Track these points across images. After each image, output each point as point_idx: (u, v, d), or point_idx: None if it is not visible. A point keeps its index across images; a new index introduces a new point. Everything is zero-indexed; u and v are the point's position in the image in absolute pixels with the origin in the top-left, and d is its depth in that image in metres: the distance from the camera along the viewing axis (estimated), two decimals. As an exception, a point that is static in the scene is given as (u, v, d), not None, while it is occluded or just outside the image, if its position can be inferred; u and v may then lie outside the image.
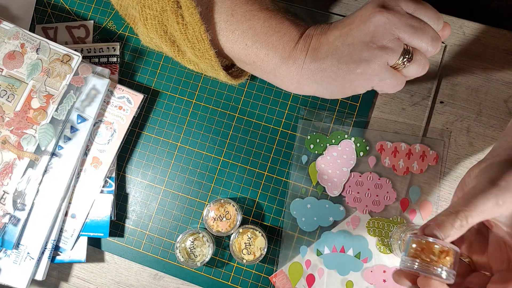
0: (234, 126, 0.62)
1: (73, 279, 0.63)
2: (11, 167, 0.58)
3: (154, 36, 0.54)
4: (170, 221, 0.62)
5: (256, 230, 0.58)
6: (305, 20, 0.54)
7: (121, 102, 0.62)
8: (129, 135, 0.63)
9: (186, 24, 0.50)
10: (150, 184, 0.63)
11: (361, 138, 0.60)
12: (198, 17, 0.49)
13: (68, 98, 0.60)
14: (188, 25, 0.50)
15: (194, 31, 0.50)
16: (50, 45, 0.60)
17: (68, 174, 0.60)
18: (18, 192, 0.58)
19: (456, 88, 0.60)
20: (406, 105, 0.61)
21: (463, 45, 0.61)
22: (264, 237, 0.58)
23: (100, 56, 0.65)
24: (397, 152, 0.59)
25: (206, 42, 0.50)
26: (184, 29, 0.50)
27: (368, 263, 0.58)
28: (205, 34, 0.50)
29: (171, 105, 0.64)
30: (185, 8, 0.49)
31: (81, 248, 0.61)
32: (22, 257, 0.59)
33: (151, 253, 0.61)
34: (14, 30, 0.60)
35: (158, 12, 0.51)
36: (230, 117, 0.63)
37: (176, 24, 0.50)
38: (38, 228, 0.59)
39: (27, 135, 0.59)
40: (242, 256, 0.58)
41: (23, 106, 0.59)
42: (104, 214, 0.61)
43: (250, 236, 0.58)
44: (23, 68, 0.60)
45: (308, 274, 0.58)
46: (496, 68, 0.60)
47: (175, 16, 0.50)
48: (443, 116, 0.60)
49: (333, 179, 0.59)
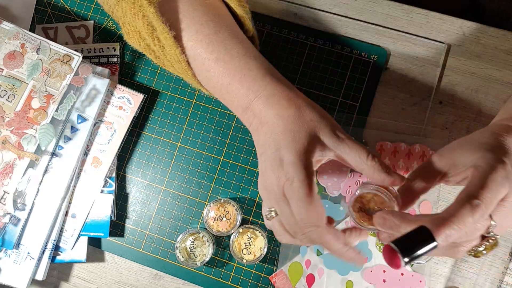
0: (234, 126, 0.62)
1: (73, 279, 0.63)
2: (12, 167, 0.58)
3: (138, 49, 0.55)
4: (170, 221, 0.62)
5: (256, 230, 0.58)
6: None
7: (121, 102, 0.62)
8: (129, 135, 0.63)
9: (163, 46, 0.50)
10: (150, 184, 0.63)
11: (361, 138, 0.60)
12: (173, 41, 0.49)
13: (68, 98, 0.60)
14: (165, 47, 0.50)
15: (170, 53, 0.50)
16: (50, 45, 0.60)
17: (68, 174, 0.60)
18: (18, 192, 0.58)
19: (456, 88, 0.60)
20: (406, 105, 0.61)
21: (463, 45, 0.61)
22: (264, 237, 0.58)
23: (100, 56, 0.65)
24: (397, 152, 0.59)
25: (183, 63, 0.50)
26: (162, 50, 0.51)
27: (368, 263, 0.58)
28: (182, 56, 0.50)
29: (171, 105, 0.64)
30: (159, 32, 0.49)
31: (81, 248, 0.61)
32: (22, 257, 0.59)
33: (151, 253, 0.61)
34: (14, 30, 0.60)
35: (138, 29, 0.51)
36: (230, 117, 0.63)
37: (153, 45, 0.51)
38: (38, 228, 0.59)
39: (27, 135, 0.59)
40: (242, 256, 0.58)
41: (24, 106, 0.59)
42: (104, 214, 0.61)
43: (250, 236, 0.58)
44: (24, 68, 0.60)
45: (308, 274, 0.58)
46: (496, 68, 0.60)
47: (152, 38, 0.50)
48: (443, 116, 0.60)
49: (333, 179, 0.59)
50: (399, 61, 0.61)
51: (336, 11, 0.63)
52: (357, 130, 0.60)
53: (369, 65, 0.61)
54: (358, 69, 0.62)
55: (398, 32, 0.62)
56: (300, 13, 0.64)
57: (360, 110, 0.61)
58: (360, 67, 0.62)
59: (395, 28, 0.62)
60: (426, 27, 0.62)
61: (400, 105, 0.61)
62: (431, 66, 0.61)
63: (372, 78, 0.61)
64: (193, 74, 0.51)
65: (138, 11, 0.49)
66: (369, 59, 0.62)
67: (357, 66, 0.62)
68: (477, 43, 0.61)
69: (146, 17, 0.49)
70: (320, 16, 0.63)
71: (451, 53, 0.61)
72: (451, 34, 0.61)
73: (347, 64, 0.62)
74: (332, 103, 0.61)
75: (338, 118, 0.61)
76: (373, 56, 0.62)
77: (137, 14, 0.49)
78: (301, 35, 0.63)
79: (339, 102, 0.61)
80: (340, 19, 0.63)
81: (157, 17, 0.48)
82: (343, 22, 0.63)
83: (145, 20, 0.49)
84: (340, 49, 0.62)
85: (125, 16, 0.51)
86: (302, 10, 0.64)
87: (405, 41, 0.62)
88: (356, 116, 0.61)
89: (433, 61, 0.61)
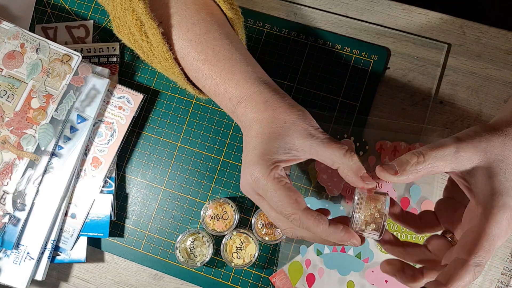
0: (234, 126, 0.62)
1: (73, 279, 0.63)
2: (11, 167, 0.58)
3: (127, 44, 0.54)
4: (170, 221, 0.62)
5: (249, 237, 0.58)
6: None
7: (121, 102, 0.62)
8: (129, 135, 0.63)
9: (151, 42, 0.50)
10: (150, 184, 0.63)
11: (361, 137, 0.60)
12: (160, 37, 0.48)
13: (68, 98, 0.59)
14: (152, 43, 0.50)
15: (158, 50, 0.50)
16: (50, 45, 0.60)
17: (68, 174, 0.59)
18: (18, 192, 0.58)
19: (456, 88, 0.60)
20: (407, 105, 0.61)
21: (463, 45, 0.61)
22: (256, 245, 0.58)
23: (100, 56, 0.65)
24: (397, 151, 0.59)
25: (170, 61, 0.50)
26: (149, 46, 0.50)
27: (369, 263, 0.58)
28: (169, 53, 0.49)
29: (171, 105, 0.64)
30: (148, 28, 0.49)
31: (81, 248, 0.61)
32: (22, 257, 0.59)
33: (151, 253, 0.61)
34: (14, 30, 0.60)
35: (128, 24, 0.51)
36: (230, 117, 0.62)
37: (141, 41, 0.50)
38: (38, 228, 0.59)
39: (27, 135, 0.59)
40: (232, 259, 0.58)
41: (23, 106, 0.59)
42: (104, 214, 0.61)
43: (243, 241, 0.58)
44: (23, 68, 0.60)
45: (308, 274, 0.58)
46: (496, 68, 0.60)
47: (140, 34, 0.50)
48: (443, 116, 0.60)
49: (333, 179, 0.59)
50: (400, 61, 0.61)
51: (336, 10, 0.63)
52: (357, 130, 0.60)
53: (369, 65, 0.61)
54: (358, 69, 0.62)
55: (398, 32, 0.62)
56: (300, 12, 0.64)
57: (360, 110, 0.61)
58: (360, 67, 0.62)
59: (395, 28, 0.62)
60: (426, 26, 0.61)
61: (400, 105, 0.61)
62: (431, 66, 0.61)
63: (372, 78, 0.61)
64: (180, 72, 0.51)
65: (128, 5, 0.49)
66: (369, 59, 0.62)
67: (357, 66, 0.62)
68: (477, 43, 0.61)
69: (135, 12, 0.49)
70: (320, 16, 0.63)
71: (452, 53, 0.61)
72: (452, 33, 0.61)
73: (347, 64, 0.62)
74: (333, 103, 0.61)
75: (339, 118, 0.61)
76: (373, 56, 0.61)
77: (127, 9, 0.49)
78: (301, 35, 0.63)
79: (339, 102, 0.61)
80: (340, 19, 0.63)
81: (146, 12, 0.48)
82: (343, 21, 0.63)
83: (135, 15, 0.49)
84: (340, 48, 0.62)
85: (115, 10, 0.51)
86: (302, 9, 0.64)
87: (406, 41, 0.62)
88: (356, 116, 0.61)
89: (433, 61, 0.61)
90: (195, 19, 0.50)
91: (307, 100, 0.61)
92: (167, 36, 0.50)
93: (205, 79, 0.50)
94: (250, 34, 0.63)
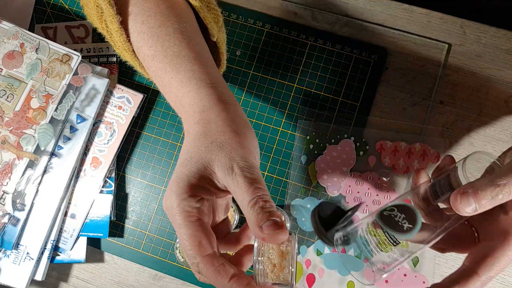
0: (234, 126, 0.62)
1: (72, 279, 0.63)
2: (11, 167, 0.58)
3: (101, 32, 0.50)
4: (169, 221, 0.61)
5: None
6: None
7: (120, 102, 0.62)
8: (129, 135, 0.63)
9: (110, 31, 0.47)
10: (150, 184, 0.62)
11: (361, 137, 0.60)
12: (118, 25, 0.44)
13: (68, 98, 0.59)
14: (112, 32, 0.46)
15: (117, 40, 0.46)
16: (49, 45, 0.60)
17: (67, 174, 0.59)
18: (17, 192, 0.58)
19: (456, 88, 0.60)
20: (407, 105, 0.61)
21: (463, 45, 0.61)
22: None
23: (100, 56, 0.64)
24: (397, 151, 0.59)
25: (129, 52, 0.46)
26: (110, 36, 0.47)
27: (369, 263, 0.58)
28: (127, 44, 0.45)
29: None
30: (106, 15, 0.45)
31: (81, 248, 0.61)
32: (22, 257, 0.59)
33: (151, 254, 0.61)
34: (14, 30, 0.60)
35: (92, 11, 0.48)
36: (230, 117, 0.62)
37: (101, 29, 0.47)
38: (38, 228, 0.59)
39: (26, 135, 0.58)
40: None
41: (23, 106, 0.59)
42: (103, 214, 0.61)
43: None
44: (23, 68, 0.59)
45: (308, 274, 0.58)
46: (496, 68, 0.60)
47: (100, 22, 0.47)
48: (444, 116, 0.60)
49: (333, 179, 0.59)
50: (400, 60, 0.61)
51: (336, 10, 0.63)
52: (357, 130, 0.60)
53: (370, 65, 0.61)
54: (359, 69, 0.61)
55: (398, 32, 0.62)
56: (300, 12, 0.63)
57: (361, 110, 0.61)
58: (361, 66, 0.61)
59: (396, 27, 0.62)
60: (426, 26, 0.61)
61: (400, 105, 0.61)
62: (431, 66, 0.61)
63: (372, 78, 0.61)
64: (141, 66, 0.48)
65: None
66: (369, 59, 0.61)
67: (358, 65, 0.62)
68: (478, 42, 0.61)
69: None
70: (320, 16, 0.63)
71: (452, 53, 0.61)
72: (452, 33, 0.61)
73: (347, 63, 0.62)
74: (333, 103, 0.61)
75: (339, 118, 0.60)
76: (373, 56, 0.61)
77: None
78: (301, 35, 0.63)
79: (340, 102, 0.61)
80: (341, 19, 0.63)
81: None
82: (343, 21, 0.63)
83: (96, 1, 0.46)
84: (340, 48, 0.62)
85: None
86: (302, 9, 0.64)
87: (406, 41, 0.61)
88: (356, 116, 0.61)
89: (433, 61, 0.61)
90: (153, 11, 0.45)
91: (307, 100, 0.61)
92: (125, 27, 0.46)
93: (154, 76, 0.45)
94: (250, 34, 0.63)
